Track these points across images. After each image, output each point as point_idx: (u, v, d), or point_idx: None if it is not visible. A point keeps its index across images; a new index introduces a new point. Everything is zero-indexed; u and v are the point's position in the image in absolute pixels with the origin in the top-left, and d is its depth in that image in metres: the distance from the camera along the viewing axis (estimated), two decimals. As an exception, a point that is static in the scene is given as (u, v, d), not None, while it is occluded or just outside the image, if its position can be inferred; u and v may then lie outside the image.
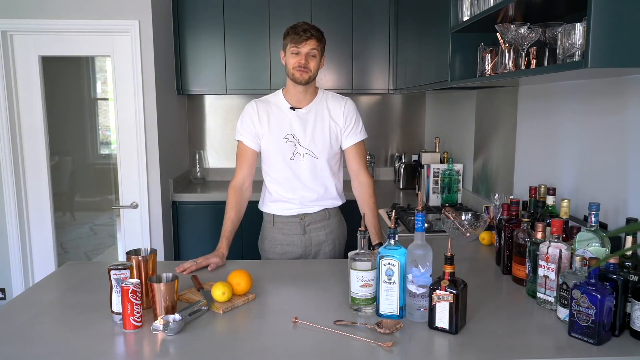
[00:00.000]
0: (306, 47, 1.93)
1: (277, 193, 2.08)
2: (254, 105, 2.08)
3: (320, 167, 2.05)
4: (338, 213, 2.20)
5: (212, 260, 1.82)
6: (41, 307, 1.50)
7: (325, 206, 2.11)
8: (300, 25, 1.95)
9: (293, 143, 2.02)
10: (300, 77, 1.95)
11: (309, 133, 2.03)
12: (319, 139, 2.03)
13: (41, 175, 3.14)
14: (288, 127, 2.03)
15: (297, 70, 1.94)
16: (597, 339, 1.22)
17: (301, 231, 2.10)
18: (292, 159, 2.03)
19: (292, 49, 1.94)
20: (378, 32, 3.60)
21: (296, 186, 2.06)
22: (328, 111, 2.06)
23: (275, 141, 2.03)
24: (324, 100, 2.08)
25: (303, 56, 1.94)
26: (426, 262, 1.36)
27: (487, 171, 2.79)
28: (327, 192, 2.09)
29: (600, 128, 1.74)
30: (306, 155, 2.03)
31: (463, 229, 2.12)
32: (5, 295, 3.20)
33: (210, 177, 3.97)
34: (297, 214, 2.09)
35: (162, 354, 1.24)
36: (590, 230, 1.40)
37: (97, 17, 2.96)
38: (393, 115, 4.05)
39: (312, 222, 2.10)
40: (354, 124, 2.07)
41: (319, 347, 1.25)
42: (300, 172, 2.04)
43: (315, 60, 1.97)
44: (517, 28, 1.57)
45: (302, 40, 1.92)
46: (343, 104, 2.07)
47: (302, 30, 1.93)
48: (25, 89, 3.06)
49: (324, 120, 2.05)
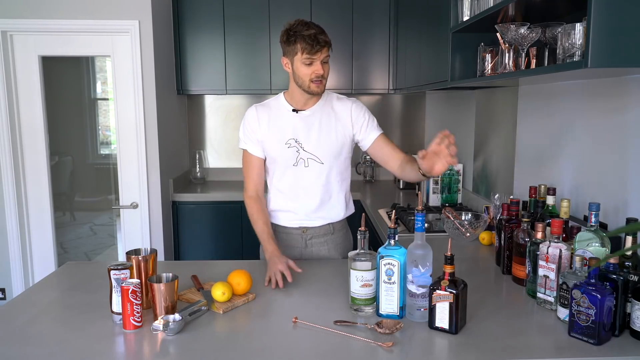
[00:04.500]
0: (321, 55, 1.76)
1: (280, 203, 1.96)
2: (254, 110, 1.93)
3: (327, 173, 1.91)
4: (344, 226, 2.05)
5: (284, 267, 1.66)
6: (41, 307, 1.50)
7: (330, 220, 1.97)
8: (304, 30, 1.74)
9: (296, 148, 1.88)
10: (318, 88, 1.80)
11: (313, 136, 1.88)
12: (324, 143, 1.88)
13: (41, 175, 3.14)
14: (290, 131, 1.88)
15: (315, 82, 1.78)
16: (597, 339, 1.22)
17: (302, 245, 1.98)
18: (296, 165, 1.89)
19: (304, 60, 1.76)
20: (378, 32, 3.60)
21: (299, 194, 1.93)
22: (334, 113, 1.91)
23: (277, 147, 1.89)
24: (329, 101, 1.93)
25: (319, 66, 1.77)
26: (426, 262, 1.36)
27: (487, 171, 2.79)
28: (333, 201, 1.95)
29: (601, 128, 1.74)
30: (310, 161, 1.89)
31: (463, 229, 2.11)
32: (5, 295, 3.20)
33: (210, 177, 3.97)
34: (299, 226, 1.96)
35: (162, 354, 1.24)
36: (590, 230, 1.40)
37: (97, 17, 2.96)
38: (393, 115, 4.05)
39: (315, 236, 1.97)
40: (368, 121, 1.91)
41: (319, 347, 1.25)
42: (304, 179, 1.90)
43: (327, 67, 1.81)
44: (517, 28, 1.57)
45: (317, 50, 1.74)
46: (349, 105, 1.92)
47: (313, 38, 1.73)
48: (25, 89, 3.06)
49: (330, 123, 1.89)
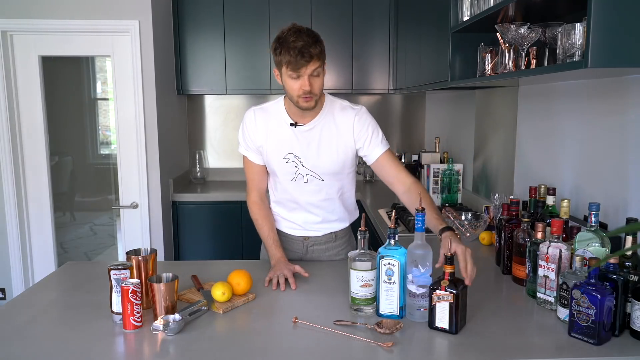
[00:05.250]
0: (307, 70, 1.59)
1: (280, 213, 1.92)
2: (252, 115, 1.81)
3: (327, 189, 1.82)
4: (347, 233, 1.98)
5: (289, 273, 1.65)
6: (41, 307, 1.50)
7: (332, 229, 1.91)
8: (291, 41, 1.56)
9: (294, 163, 1.78)
10: (307, 104, 1.64)
11: (312, 152, 1.76)
12: (325, 159, 1.77)
13: (41, 175, 3.14)
14: (288, 146, 1.77)
15: (302, 98, 1.63)
16: (597, 339, 1.22)
17: (303, 251, 1.94)
18: (294, 181, 1.81)
19: (289, 73, 1.60)
20: (378, 32, 3.60)
21: (299, 208, 1.87)
22: (336, 127, 1.76)
23: (275, 161, 1.80)
24: (330, 113, 1.77)
25: (306, 81, 1.60)
26: (426, 262, 1.36)
27: (487, 171, 2.79)
28: (335, 213, 1.88)
29: (601, 128, 1.74)
30: (310, 177, 1.80)
31: (463, 229, 2.11)
32: (5, 295, 3.20)
33: (210, 177, 3.97)
34: (300, 235, 1.92)
35: (162, 354, 1.24)
36: (590, 230, 1.40)
37: (97, 17, 2.96)
38: (393, 115, 4.05)
39: (316, 243, 1.92)
40: (372, 135, 1.76)
41: (319, 347, 1.25)
42: (303, 195, 1.83)
43: (319, 80, 1.64)
44: (517, 28, 1.57)
45: (301, 66, 1.57)
46: (352, 117, 1.76)
47: (298, 52, 1.55)
48: (25, 89, 3.06)
49: (332, 139, 1.76)
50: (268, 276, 1.68)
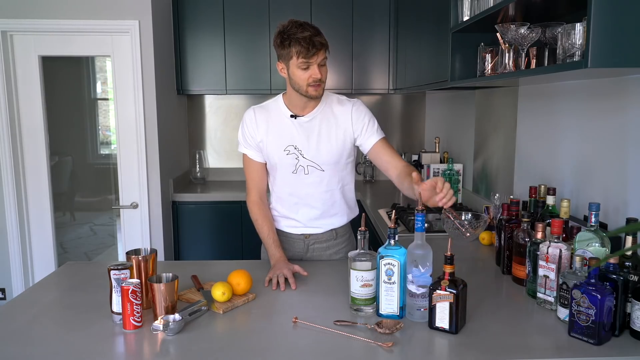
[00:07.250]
0: (318, 58, 1.70)
1: (281, 210, 1.93)
2: (252, 113, 1.87)
3: (327, 180, 1.87)
4: (347, 231, 2.01)
5: (289, 273, 1.67)
6: (41, 307, 1.50)
7: (333, 226, 1.94)
8: (298, 32, 1.67)
9: (295, 155, 1.83)
10: (316, 92, 1.74)
11: (313, 143, 1.83)
12: (324, 149, 1.83)
13: (41, 175, 3.14)
14: (289, 137, 1.83)
15: (313, 86, 1.72)
16: (597, 339, 1.22)
17: (303, 249, 1.95)
18: (295, 173, 1.85)
19: (300, 64, 1.69)
20: (378, 32, 3.60)
21: (300, 202, 1.89)
22: (335, 118, 1.84)
23: (276, 154, 1.84)
24: (328, 105, 1.86)
25: (316, 69, 1.70)
26: (426, 262, 1.36)
27: (487, 171, 2.79)
28: (335, 208, 1.92)
29: (601, 128, 1.74)
30: (310, 168, 1.84)
31: (463, 229, 2.11)
32: (5, 295, 3.20)
33: (210, 177, 3.97)
34: (301, 233, 1.94)
35: (162, 354, 1.24)
36: (590, 230, 1.40)
37: (97, 17, 2.96)
38: (393, 115, 4.05)
39: (317, 241, 1.95)
40: (368, 124, 1.85)
41: (319, 347, 1.25)
42: (304, 187, 1.86)
43: (325, 69, 1.75)
44: (517, 28, 1.57)
45: (312, 54, 1.68)
46: (350, 107, 1.85)
47: (309, 41, 1.66)
48: (25, 89, 3.06)
49: (330, 128, 1.84)
50: (268, 276, 1.68)
